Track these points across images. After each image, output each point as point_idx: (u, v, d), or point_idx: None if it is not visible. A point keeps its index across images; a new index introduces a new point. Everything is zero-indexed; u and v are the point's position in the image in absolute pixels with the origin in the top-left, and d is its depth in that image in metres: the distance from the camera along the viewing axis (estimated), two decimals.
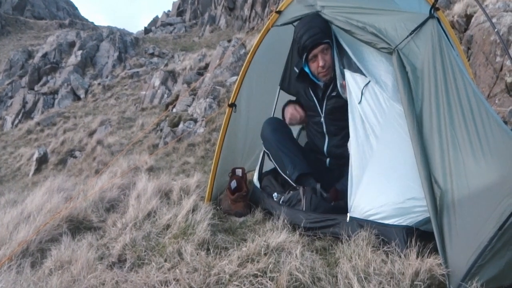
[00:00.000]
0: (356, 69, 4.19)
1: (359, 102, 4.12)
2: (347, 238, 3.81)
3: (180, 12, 68.12)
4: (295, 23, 4.84)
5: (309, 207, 4.44)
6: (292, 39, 5.15)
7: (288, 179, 4.91)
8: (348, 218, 4.05)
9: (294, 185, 4.82)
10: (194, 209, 4.71)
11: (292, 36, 5.03)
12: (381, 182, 3.90)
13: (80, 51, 42.95)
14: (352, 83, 4.22)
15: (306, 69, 4.86)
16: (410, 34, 3.64)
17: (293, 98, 5.46)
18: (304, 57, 4.74)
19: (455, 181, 3.21)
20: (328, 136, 4.98)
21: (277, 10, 4.99)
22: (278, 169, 5.06)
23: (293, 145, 5.14)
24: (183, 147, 14.34)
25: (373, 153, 3.98)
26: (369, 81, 4.04)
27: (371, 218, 3.88)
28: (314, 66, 4.72)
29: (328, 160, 5.07)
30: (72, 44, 46.18)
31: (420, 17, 3.64)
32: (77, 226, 4.90)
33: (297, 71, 5.02)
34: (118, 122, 23.67)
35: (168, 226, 4.47)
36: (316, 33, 4.46)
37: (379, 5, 4.02)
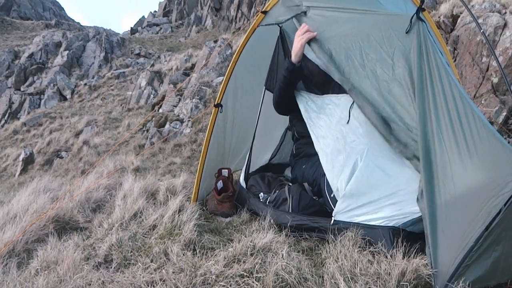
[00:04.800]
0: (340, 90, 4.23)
1: (348, 122, 4.14)
2: (333, 239, 3.81)
3: (166, 12, 68.22)
4: (280, 24, 4.87)
5: (297, 207, 4.43)
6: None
7: None
8: (332, 221, 4.04)
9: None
10: (180, 210, 4.69)
11: (277, 36, 5.07)
12: (369, 184, 3.90)
13: (66, 52, 42.90)
14: (339, 105, 4.28)
15: None
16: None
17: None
18: None
19: (442, 182, 3.23)
20: None
21: (263, 10, 4.97)
22: None
23: None
24: (169, 147, 14.30)
25: (362, 158, 3.98)
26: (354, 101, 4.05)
27: (357, 220, 3.88)
28: None
29: None
30: (58, 45, 46.11)
31: (406, 19, 3.64)
32: (63, 227, 4.87)
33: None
34: (104, 123, 23.59)
35: (154, 227, 4.45)
36: None
37: (365, 6, 4.01)
